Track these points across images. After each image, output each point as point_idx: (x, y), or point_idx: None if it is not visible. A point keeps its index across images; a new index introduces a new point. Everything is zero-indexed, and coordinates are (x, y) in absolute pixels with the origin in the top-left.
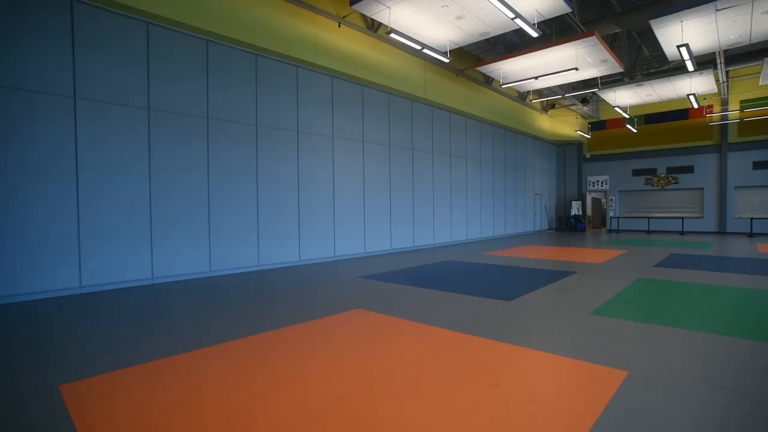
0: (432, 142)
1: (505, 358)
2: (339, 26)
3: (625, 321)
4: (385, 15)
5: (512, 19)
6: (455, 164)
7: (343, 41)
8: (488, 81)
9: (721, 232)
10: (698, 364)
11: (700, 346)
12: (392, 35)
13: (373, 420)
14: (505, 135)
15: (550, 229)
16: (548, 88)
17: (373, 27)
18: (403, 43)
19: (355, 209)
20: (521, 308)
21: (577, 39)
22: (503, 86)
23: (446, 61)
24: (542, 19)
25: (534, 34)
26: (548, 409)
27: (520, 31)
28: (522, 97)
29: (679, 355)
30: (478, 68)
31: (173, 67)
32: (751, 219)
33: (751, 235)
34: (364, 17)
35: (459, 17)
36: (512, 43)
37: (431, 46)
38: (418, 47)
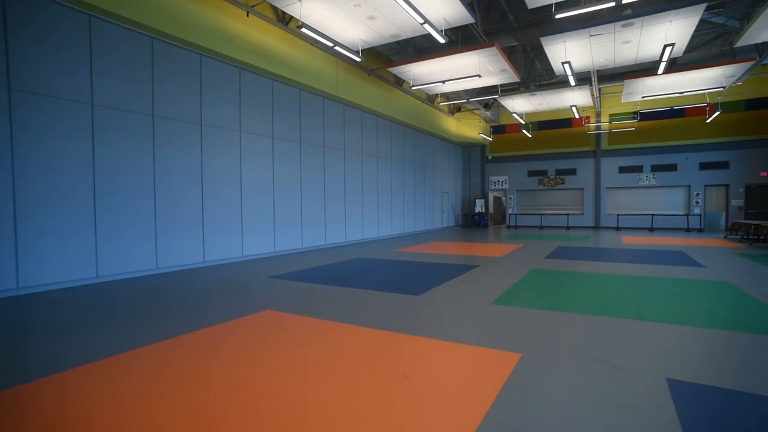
0: (344, 140)
1: (414, 349)
2: (247, 15)
3: (521, 308)
4: (296, 8)
5: (421, 24)
6: (366, 162)
7: (252, 32)
8: (399, 82)
9: (597, 226)
10: (581, 343)
11: (583, 326)
12: (303, 30)
13: (286, 419)
14: (414, 135)
15: (456, 225)
16: (455, 92)
17: (284, 20)
18: (315, 39)
19: (265, 207)
20: (429, 302)
21: (480, 48)
22: (413, 88)
23: (358, 60)
24: (449, 27)
25: (441, 40)
26: (453, 393)
27: (429, 36)
28: (431, 99)
29: (565, 336)
30: (389, 69)
31: (42, 44)
32: (618, 215)
33: (617, 229)
34: (274, 9)
35: (370, 17)
36: (422, 47)
37: (343, 44)
38: (330, 44)
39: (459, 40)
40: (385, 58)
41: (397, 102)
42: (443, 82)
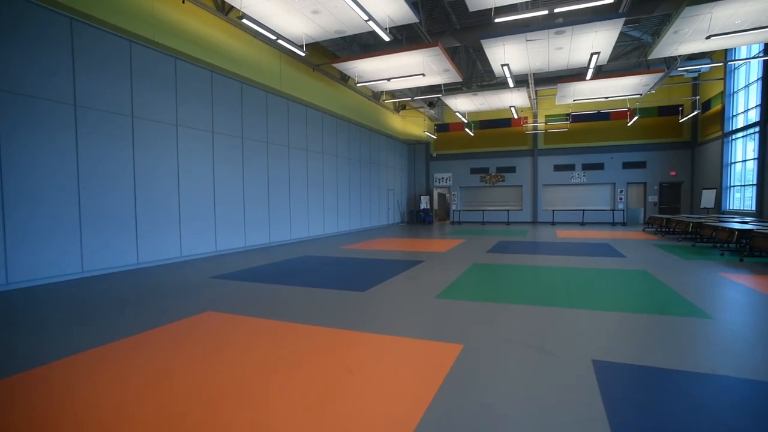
0: (288, 135)
1: (359, 345)
2: (183, 2)
3: (463, 301)
4: None
5: (366, 21)
6: (312, 159)
7: (189, 20)
8: (344, 79)
9: (535, 221)
10: (518, 331)
11: (520, 316)
12: (245, 21)
13: (233, 421)
14: (360, 132)
15: (402, 222)
16: (400, 90)
17: (224, 9)
18: (257, 32)
19: (204, 204)
20: (374, 298)
21: (424, 48)
22: (358, 85)
23: (302, 54)
24: (393, 25)
25: (386, 38)
26: (397, 386)
27: (374, 34)
28: (376, 96)
29: (504, 326)
30: (334, 65)
31: None
32: (553, 211)
33: (553, 223)
34: None
35: (315, 12)
36: (367, 44)
37: (286, 37)
38: (273, 37)
39: (404, 38)
40: (331, 53)
41: (342, 98)
42: (388, 79)
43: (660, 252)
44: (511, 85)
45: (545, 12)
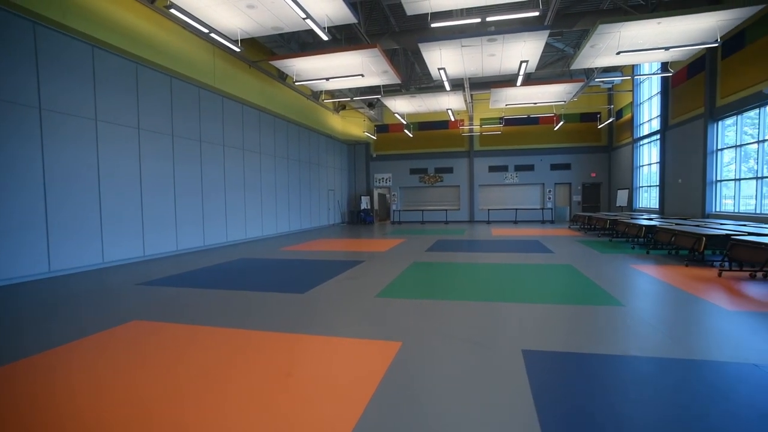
0: (223, 134)
1: (299, 348)
2: None
3: (403, 299)
4: None
5: (304, 18)
6: (249, 158)
7: (108, 5)
8: (282, 77)
9: (472, 220)
10: (454, 326)
11: (457, 311)
12: (173, 11)
13: (161, 428)
14: (299, 132)
15: (343, 222)
16: (339, 89)
17: None
18: (188, 23)
19: (130, 206)
20: (314, 299)
21: (363, 49)
22: (296, 83)
23: (237, 50)
24: (332, 25)
25: (324, 37)
26: (336, 386)
27: (313, 32)
28: (315, 96)
29: (441, 322)
30: (271, 62)
31: None
32: (489, 210)
33: (488, 222)
34: None
35: (250, 6)
36: (306, 43)
37: (220, 31)
38: (205, 30)
39: (343, 38)
40: (268, 50)
41: (280, 97)
42: (327, 79)
43: (582, 247)
44: (448, 88)
45: (478, 20)
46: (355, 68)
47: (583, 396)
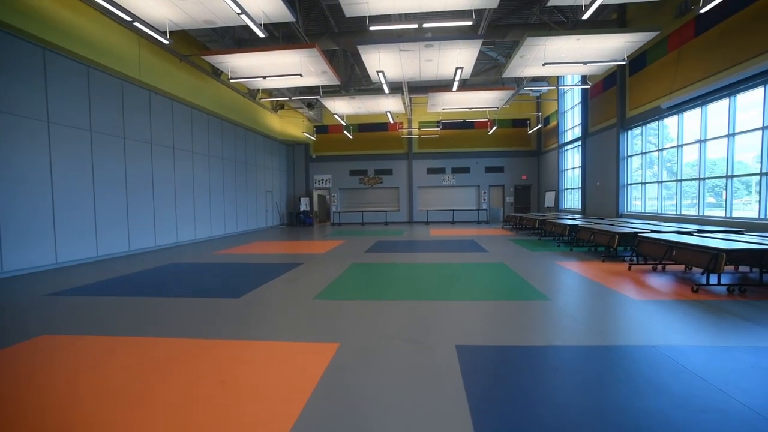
0: (150, 131)
1: (233, 354)
2: None
3: (341, 300)
4: None
5: (238, 14)
6: (180, 158)
7: None
8: (217, 73)
9: (411, 221)
10: (392, 325)
11: (395, 311)
12: None
13: None
14: (235, 131)
15: (281, 224)
16: (277, 88)
17: None
18: (106, 9)
19: (39, 209)
20: (250, 303)
21: (301, 48)
22: (231, 81)
23: (166, 42)
24: (269, 22)
25: (261, 34)
26: (272, 391)
27: (249, 28)
28: (252, 94)
29: (380, 321)
30: (204, 57)
31: None
32: (427, 211)
33: (427, 223)
34: None
35: None
36: (242, 39)
37: (145, 20)
38: (127, 18)
39: (281, 37)
40: (201, 44)
41: (214, 94)
42: (264, 77)
43: (514, 246)
44: (387, 91)
45: (416, 26)
46: (294, 67)
47: (511, 386)
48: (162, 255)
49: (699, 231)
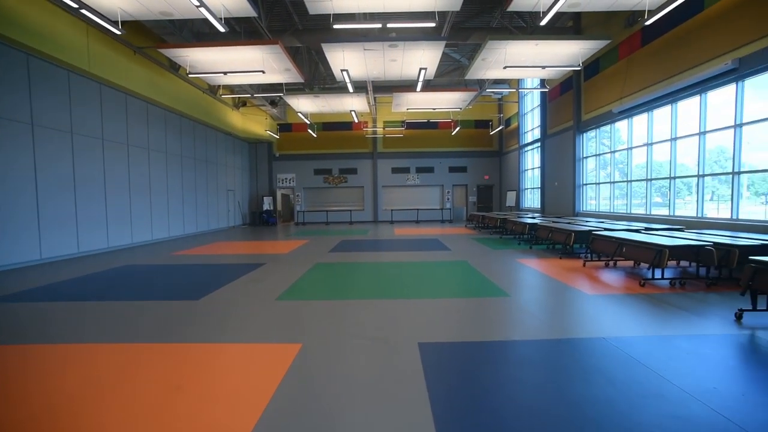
0: (102, 126)
1: (191, 358)
2: None
3: (305, 301)
4: None
5: (197, 6)
6: (135, 155)
7: None
8: (175, 67)
9: (376, 220)
10: (356, 325)
11: (359, 310)
12: None
13: None
14: (195, 128)
15: (244, 224)
16: (239, 85)
17: None
18: None
19: None
20: (210, 305)
21: (264, 44)
22: (190, 76)
23: (117, 32)
24: (229, 16)
25: (221, 29)
26: (231, 395)
27: (209, 22)
28: (213, 90)
29: (343, 321)
30: (161, 50)
31: None
32: (392, 210)
33: (392, 222)
34: None
35: None
36: (201, 33)
37: (94, 8)
38: (74, 5)
39: (242, 32)
40: (157, 37)
41: (172, 89)
42: (225, 73)
43: (477, 244)
44: (351, 90)
45: (380, 25)
46: (256, 64)
47: (472, 379)
48: (115, 257)
49: (646, 229)
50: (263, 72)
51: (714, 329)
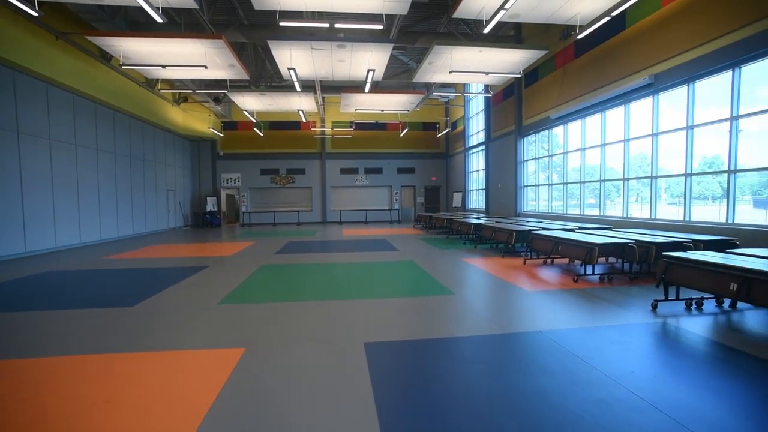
0: (17, 119)
1: (123, 368)
2: None
3: (249, 304)
4: None
5: None
6: (59, 150)
7: None
8: (106, 57)
9: (324, 221)
10: (301, 327)
11: (305, 312)
12: None
13: None
14: (130, 123)
15: (186, 225)
16: (180, 80)
17: None
18: None
19: None
20: (146, 312)
21: (206, 38)
22: (123, 67)
23: (35, 14)
24: (168, 6)
25: (158, 19)
26: (164, 407)
27: (145, 11)
28: (150, 84)
29: (289, 323)
30: (89, 38)
31: None
32: (341, 211)
33: (340, 223)
34: None
35: None
36: (136, 22)
37: None
38: None
39: (183, 24)
40: (85, 23)
41: (103, 80)
42: (163, 66)
43: (424, 244)
44: (298, 89)
45: (327, 25)
46: (198, 58)
47: (416, 378)
48: (36, 262)
49: (580, 228)
50: (206, 67)
51: (634, 319)
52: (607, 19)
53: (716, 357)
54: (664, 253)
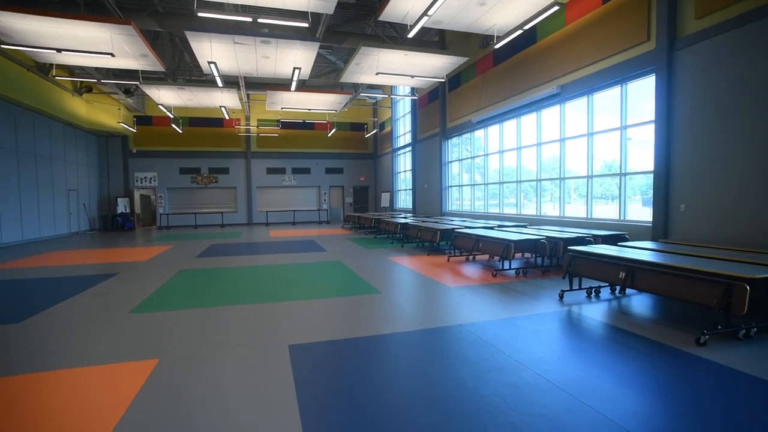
0: None
1: (10, 393)
2: None
3: (164, 312)
4: None
5: None
6: None
7: None
8: None
9: (250, 223)
10: (222, 333)
11: (226, 317)
12: None
13: None
14: (18, 113)
15: (92, 229)
16: (81, 67)
17: None
18: None
19: None
20: (39, 328)
21: (112, 23)
22: (4, 47)
23: None
24: None
25: None
26: (67, 428)
27: None
28: (43, 69)
29: (208, 330)
30: None
31: None
32: (267, 212)
33: (267, 224)
34: None
35: None
36: None
37: None
38: None
39: (82, 4)
40: None
41: None
42: (58, 50)
43: (352, 244)
44: (220, 84)
45: (250, 19)
46: (103, 45)
47: (341, 377)
48: None
49: (499, 226)
50: (112, 55)
51: (545, 308)
52: (520, 32)
53: (609, 338)
54: (569, 247)
